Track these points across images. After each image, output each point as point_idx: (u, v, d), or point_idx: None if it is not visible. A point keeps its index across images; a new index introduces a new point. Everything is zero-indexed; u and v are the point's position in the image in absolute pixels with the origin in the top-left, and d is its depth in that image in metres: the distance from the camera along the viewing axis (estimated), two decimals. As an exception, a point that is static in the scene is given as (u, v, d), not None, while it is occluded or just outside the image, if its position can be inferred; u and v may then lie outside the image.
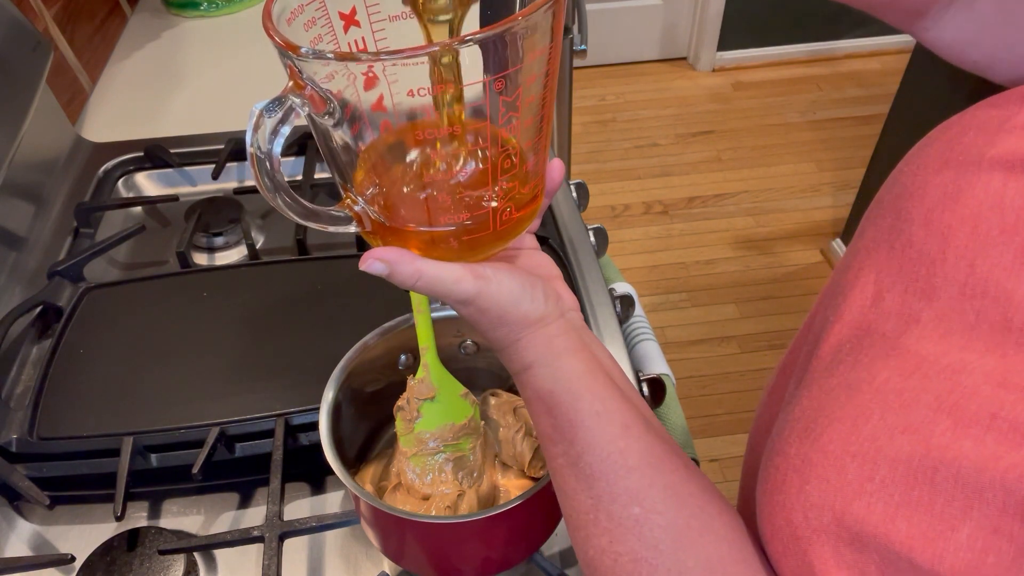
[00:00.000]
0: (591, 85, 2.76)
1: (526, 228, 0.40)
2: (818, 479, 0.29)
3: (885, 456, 0.28)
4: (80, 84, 1.07)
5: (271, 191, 0.33)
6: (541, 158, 0.38)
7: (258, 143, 0.31)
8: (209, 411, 0.62)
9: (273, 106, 0.31)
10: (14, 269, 0.79)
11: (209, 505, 0.63)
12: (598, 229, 0.84)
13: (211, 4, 1.22)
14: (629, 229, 2.21)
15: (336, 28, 0.36)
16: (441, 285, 0.36)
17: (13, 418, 0.63)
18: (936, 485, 0.26)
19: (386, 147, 0.35)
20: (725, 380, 1.83)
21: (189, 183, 0.93)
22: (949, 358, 0.28)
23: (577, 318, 0.41)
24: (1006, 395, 0.26)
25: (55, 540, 0.61)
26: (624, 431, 0.36)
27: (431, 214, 0.36)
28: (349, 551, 0.60)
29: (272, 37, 0.31)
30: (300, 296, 0.71)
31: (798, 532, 0.30)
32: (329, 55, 0.30)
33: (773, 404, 0.42)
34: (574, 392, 0.37)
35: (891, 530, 0.27)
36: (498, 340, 0.39)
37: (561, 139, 1.56)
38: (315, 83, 0.31)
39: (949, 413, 0.27)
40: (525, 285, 0.38)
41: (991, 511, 0.25)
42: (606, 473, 0.35)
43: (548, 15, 0.31)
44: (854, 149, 2.43)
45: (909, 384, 0.28)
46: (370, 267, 0.36)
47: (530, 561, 0.57)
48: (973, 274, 0.28)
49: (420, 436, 0.52)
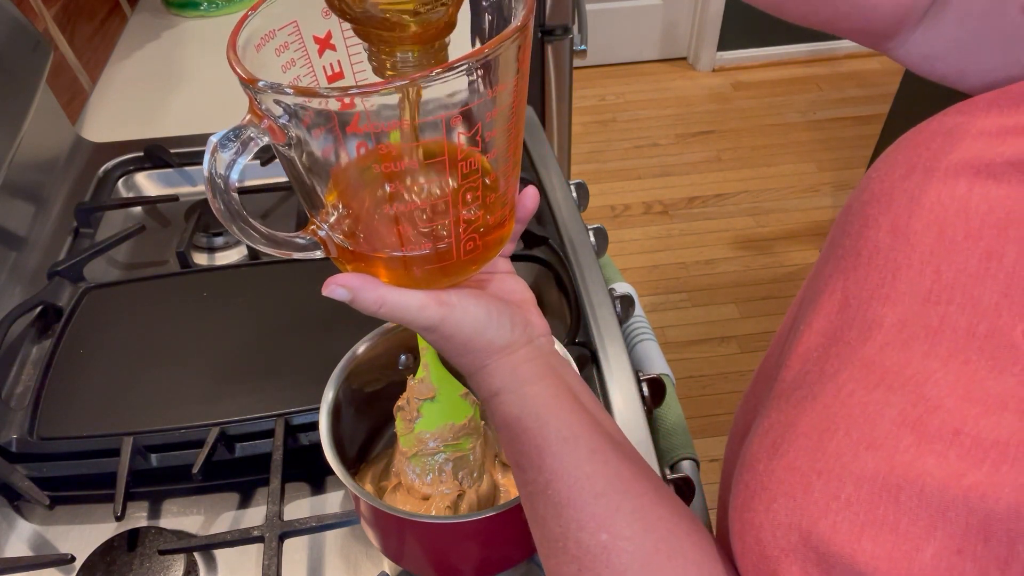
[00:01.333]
0: (591, 85, 2.76)
1: (495, 255, 0.40)
2: (785, 497, 0.29)
3: (850, 473, 0.27)
4: (80, 84, 1.07)
5: (227, 219, 0.33)
6: (510, 187, 0.38)
7: (215, 171, 0.31)
8: (209, 411, 0.62)
9: (230, 136, 0.31)
10: (14, 269, 0.79)
11: (209, 505, 0.63)
12: (598, 229, 0.84)
13: (211, 4, 1.22)
14: (629, 229, 2.21)
15: (311, 52, 0.36)
16: (404, 312, 0.36)
17: (13, 418, 0.63)
18: (901, 504, 0.26)
19: (348, 175, 0.35)
20: (725, 380, 1.83)
21: (189, 183, 0.93)
22: (912, 368, 0.27)
23: (547, 344, 0.41)
24: (969, 408, 0.25)
25: (55, 540, 0.61)
26: (591, 456, 0.36)
27: (393, 242, 0.35)
28: (349, 551, 0.60)
29: (233, 67, 0.31)
30: (300, 296, 0.71)
31: (767, 551, 0.30)
32: (288, 90, 0.29)
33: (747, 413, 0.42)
34: (540, 418, 0.37)
35: (857, 550, 0.26)
36: (465, 366, 0.39)
37: (561, 139, 1.55)
38: (273, 116, 0.31)
39: (912, 428, 0.26)
40: (491, 312, 0.37)
41: (955, 531, 0.25)
42: (574, 500, 0.35)
43: (512, 47, 0.31)
44: (854, 149, 2.43)
45: (873, 397, 0.28)
46: (332, 292, 0.35)
47: (530, 561, 0.57)
48: (938, 280, 0.28)
49: (420, 436, 0.52)
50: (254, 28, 0.33)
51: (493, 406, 0.39)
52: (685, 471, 0.72)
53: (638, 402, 0.66)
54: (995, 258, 0.27)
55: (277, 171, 0.91)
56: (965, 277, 0.27)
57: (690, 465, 0.73)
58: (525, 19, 0.32)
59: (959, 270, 0.28)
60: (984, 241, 0.27)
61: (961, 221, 0.28)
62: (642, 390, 0.68)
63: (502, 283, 0.42)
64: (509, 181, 0.37)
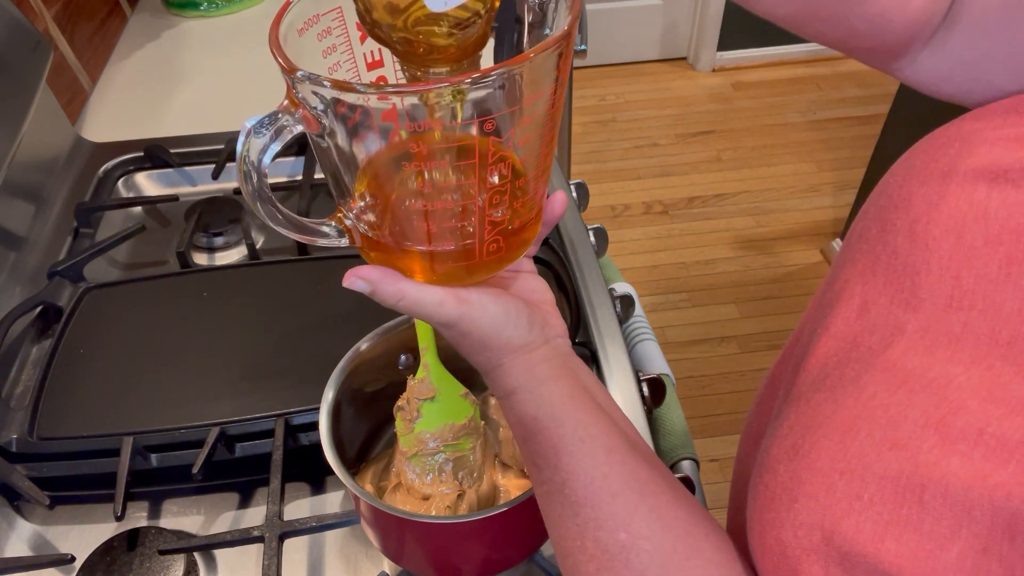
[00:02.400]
0: (591, 85, 2.76)
1: (518, 257, 0.40)
2: (807, 497, 0.29)
3: (873, 473, 0.27)
4: (80, 84, 1.07)
5: (257, 201, 0.33)
6: (539, 191, 0.37)
7: (248, 155, 0.31)
8: (209, 411, 0.62)
9: (265, 122, 0.31)
10: (14, 269, 0.79)
11: (209, 505, 0.63)
12: (598, 229, 0.84)
13: (211, 4, 1.22)
14: (629, 229, 2.21)
15: (352, 39, 0.36)
16: (422, 307, 0.36)
17: (13, 418, 0.63)
18: (925, 503, 0.26)
19: (379, 168, 0.35)
20: (725, 380, 1.83)
21: (189, 183, 0.93)
22: (935, 371, 0.28)
23: (564, 344, 0.41)
24: (993, 410, 0.25)
25: (55, 540, 0.61)
26: (608, 456, 0.36)
27: (418, 237, 0.35)
28: (349, 551, 0.60)
29: (274, 54, 0.31)
30: (300, 296, 0.71)
31: (788, 551, 0.29)
32: (325, 83, 0.29)
33: (762, 415, 0.42)
34: (557, 418, 0.37)
35: (880, 549, 0.26)
36: (481, 364, 0.39)
37: (561, 139, 1.55)
38: (309, 106, 0.31)
39: (936, 429, 0.26)
40: (509, 311, 0.37)
41: (980, 530, 0.25)
42: (591, 499, 0.35)
43: (553, 56, 0.31)
44: (854, 149, 2.43)
45: (896, 399, 0.28)
46: (352, 284, 0.36)
47: (530, 561, 0.57)
48: (959, 286, 0.28)
49: (420, 436, 0.52)
50: (298, 12, 0.33)
51: (509, 405, 0.39)
52: (685, 471, 0.72)
53: (638, 402, 0.66)
54: (1015, 263, 0.27)
55: (277, 171, 0.91)
56: (986, 283, 0.27)
57: (690, 465, 0.73)
58: (570, 27, 0.32)
59: (980, 276, 0.28)
60: (1004, 247, 0.27)
61: (980, 227, 0.28)
62: (642, 390, 0.68)
63: (524, 282, 0.42)
64: (539, 185, 0.37)
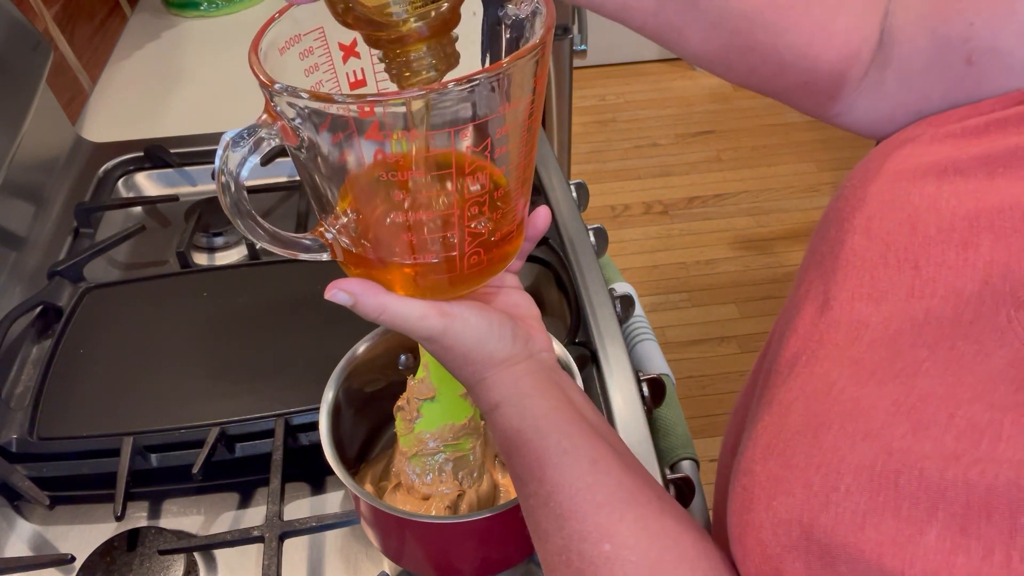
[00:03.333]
0: (591, 85, 2.76)
1: (500, 270, 0.39)
2: (784, 494, 0.29)
3: (848, 464, 0.27)
4: (80, 84, 1.07)
5: (236, 216, 0.33)
6: (520, 204, 0.37)
7: (227, 167, 0.31)
8: (209, 411, 0.62)
9: (244, 135, 0.31)
10: (14, 269, 0.79)
11: (209, 505, 0.63)
12: (598, 229, 0.84)
13: (211, 4, 1.22)
14: (629, 229, 2.21)
15: (335, 59, 0.36)
16: (404, 321, 0.36)
17: (13, 418, 0.63)
18: (900, 488, 0.26)
19: (357, 181, 0.35)
20: (725, 380, 1.83)
21: (189, 183, 0.93)
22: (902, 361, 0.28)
23: (549, 358, 0.40)
24: (961, 393, 0.26)
25: (55, 540, 0.61)
26: (592, 466, 0.35)
27: (398, 250, 0.35)
28: (349, 551, 0.60)
29: (252, 67, 0.31)
30: (300, 296, 0.71)
31: (769, 550, 0.29)
32: (302, 94, 0.29)
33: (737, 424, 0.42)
34: (541, 430, 0.36)
35: (860, 538, 0.26)
36: (465, 378, 0.39)
37: (561, 139, 1.55)
38: (287, 118, 0.31)
39: (907, 416, 0.27)
40: (492, 323, 0.37)
41: (956, 510, 0.25)
42: (576, 511, 0.35)
43: (530, 64, 0.31)
44: (854, 149, 2.43)
45: (865, 391, 0.28)
46: (334, 297, 0.35)
47: (530, 561, 0.57)
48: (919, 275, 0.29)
49: (420, 436, 0.52)
50: (280, 31, 0.34)
51: (493, 419, 0.39)
52: (685, 471, 0.72)
53: (638, 402, 0.66)
54: (971, 247, 0.27)
55: (277, 171, 0.91)
56: (945, 270, 0.28)
57: (690, 465, 0.73)
58: (543, 37, 0.32)
59: (938, 264, 0.28)
60: (957, 233, 0.28)
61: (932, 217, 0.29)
62: (642, 390, 0.68)
63: (507, 297, 0.42)
64: (518, 198, 0.37)
